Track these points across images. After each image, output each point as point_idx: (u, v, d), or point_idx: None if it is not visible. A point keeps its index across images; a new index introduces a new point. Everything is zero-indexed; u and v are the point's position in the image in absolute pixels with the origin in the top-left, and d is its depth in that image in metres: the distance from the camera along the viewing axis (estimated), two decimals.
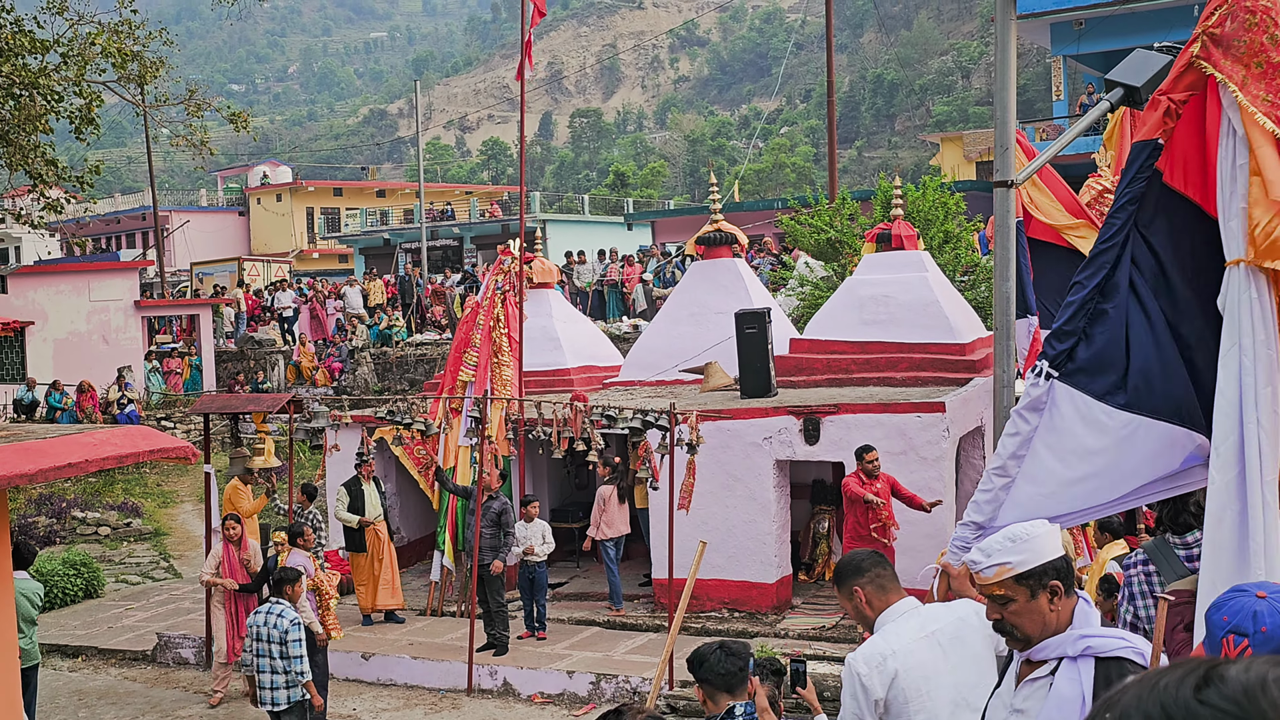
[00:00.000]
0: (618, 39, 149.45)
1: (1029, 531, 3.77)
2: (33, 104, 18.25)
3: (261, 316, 33.48)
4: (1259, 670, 0.90)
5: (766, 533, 13.50)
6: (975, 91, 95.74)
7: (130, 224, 56.26)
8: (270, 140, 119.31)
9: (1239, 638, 2.98)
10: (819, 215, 22.87)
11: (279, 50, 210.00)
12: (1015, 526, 3.88)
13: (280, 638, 9.48)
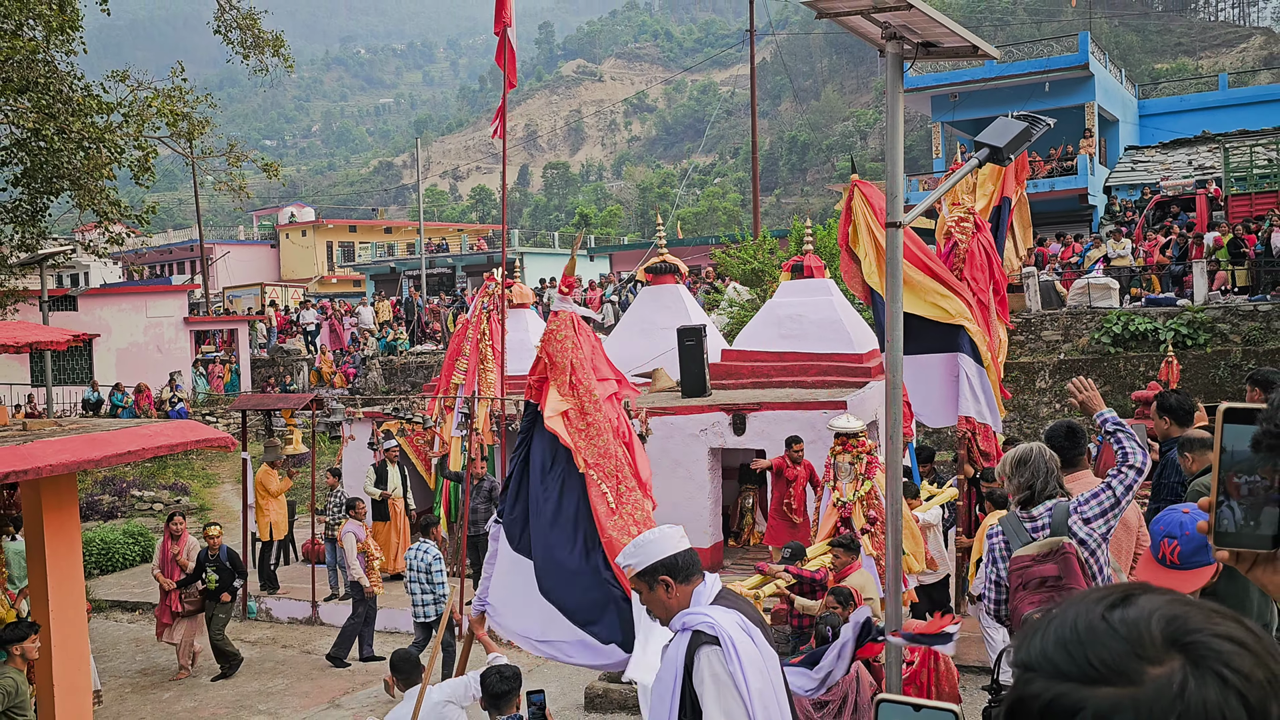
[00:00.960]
0: (582, 105, 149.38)
1: (645, 539, 3.94)
2: (100, 155, 18.05)
3: (289, 330, 33.29)
4: (1156, 604, 0.89)
5: (703, 506, 13.58)
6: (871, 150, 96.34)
7: (180, 254, 55.70)
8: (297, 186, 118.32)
9: (1170, 539, 3.70)
10: (745, 249, 22.98)
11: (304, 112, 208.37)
12: (643, 534, 4.11)
13: (426, 567, 10.44)
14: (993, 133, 5.06)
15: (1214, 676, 0.82)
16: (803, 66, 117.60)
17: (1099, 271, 21.56)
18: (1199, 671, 0.83)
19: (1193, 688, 0.82)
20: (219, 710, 10.25)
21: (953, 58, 5.09)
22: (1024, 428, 19.20)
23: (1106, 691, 0.84)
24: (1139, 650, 0.85)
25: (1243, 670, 0.83)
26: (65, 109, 17.23)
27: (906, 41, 4.88)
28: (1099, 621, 0.88)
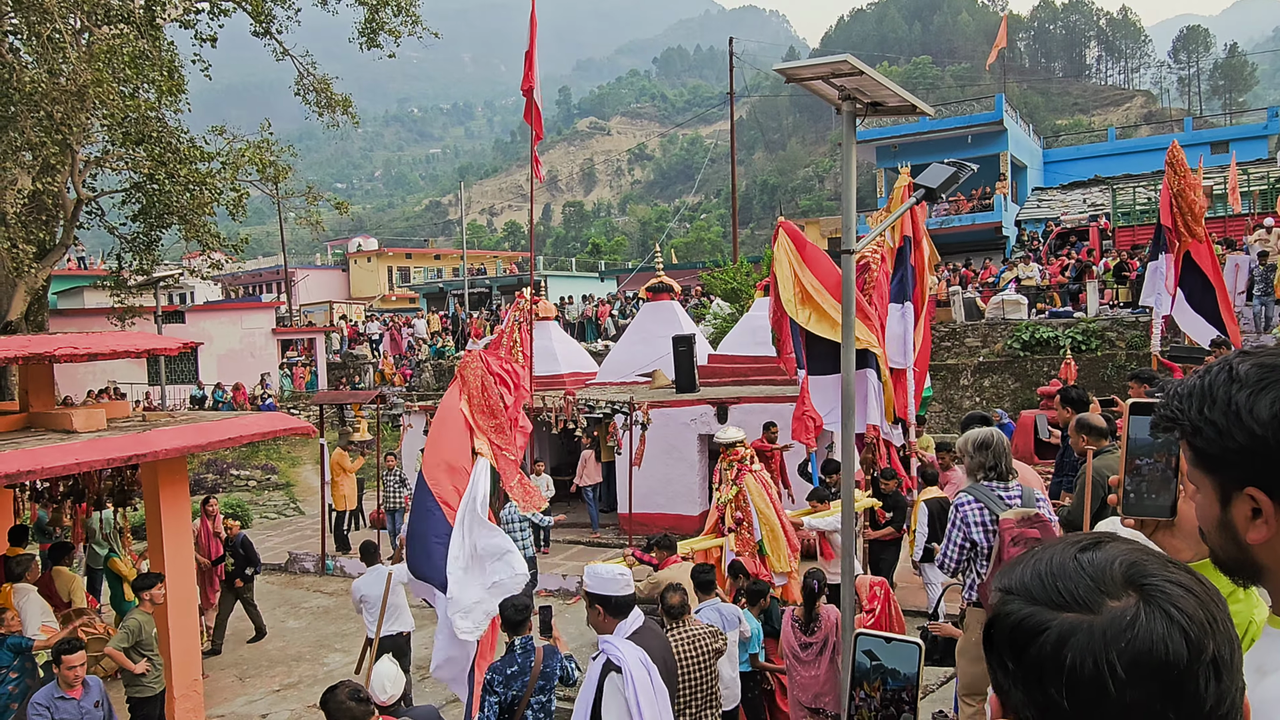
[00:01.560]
0: (594, 155, 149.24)
1: (603, 573, 4.25)
2: (202, 196, 17.96)
3: (357, 339, 33.19)
4: (1121, 551, 0.88)
5: (692, 483, 13.53)
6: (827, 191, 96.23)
7: (268, 277, 55.59)
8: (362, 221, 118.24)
9: None
10: (726, 272, 22.93)
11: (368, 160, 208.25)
12: (605, 567, 4.36)
13: (520, 517, 10.44)
14: (928, 176, 5.04)
15: (1162, 613, 0.83)
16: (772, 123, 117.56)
17: (1011, 290, 21.54)
18: (1150, 608, 0.83)
19: (1143, 620, 0.82)
20: (304, 649, 10.21)
21: (895, 114, 5.07)
22: (950, 417, 19.17)
23: (1069, 616, 0.84)
24: (1101, 586, 0.85)
25: (1187, 610, 0.83)
26: (174, 158, 17.14)
27: (859, 101, 4.86)
28: (1070, 560, 0.89)
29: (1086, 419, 5.21)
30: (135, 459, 6.65)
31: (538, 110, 13.45)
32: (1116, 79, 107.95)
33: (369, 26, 20.98)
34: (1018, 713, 0.87)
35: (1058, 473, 6.42)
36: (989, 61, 43.93)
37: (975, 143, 30.21)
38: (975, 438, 4.70)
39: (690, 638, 5.27)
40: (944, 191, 5.00)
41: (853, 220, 4.83)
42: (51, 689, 5.54)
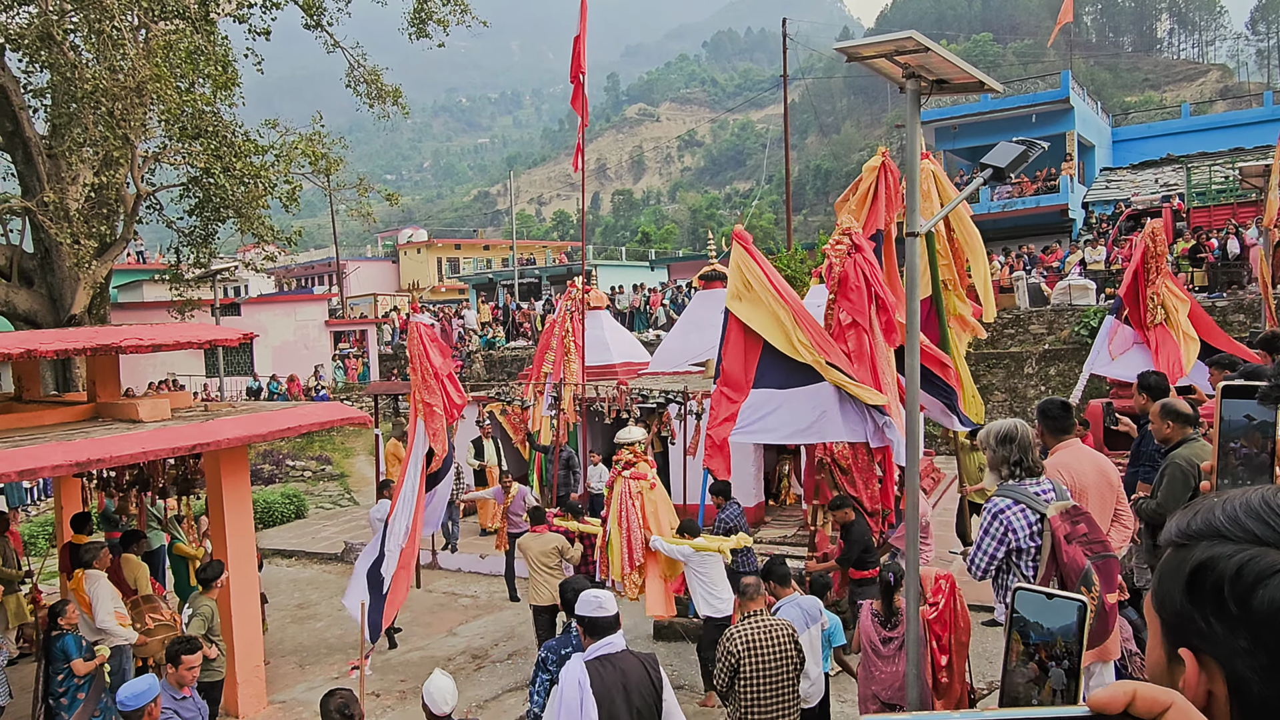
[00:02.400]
0: (643, 142, 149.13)
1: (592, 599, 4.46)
2: (256, 189, 18.30)
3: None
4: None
5: (748, 472, 13.45)
6: None
7: (320, 269, 56.59)
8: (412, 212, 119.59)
9: None
10: (779, 260, 22.74)
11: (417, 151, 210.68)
12: (596, 593, 4.54)
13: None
14: (996, 155, 4.95)
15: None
16: (826, 106, 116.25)
17: (1077, 274, 21.07)
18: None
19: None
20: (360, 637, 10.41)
21: (961, 92, 4.98)
22: (1014, 408, 18.84)
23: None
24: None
25: None
26: (229, 151, 17.51)
27: (923, 79, 4.80)
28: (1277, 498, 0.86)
29: (1172, 404, 5.07)
30: (199, 448, 6.84)
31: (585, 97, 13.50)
32: (1190, 53, 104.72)
33: (418, 16, 21.22)
34: (1232, 665, 0.82)
35: (1133, 462, 6.26)
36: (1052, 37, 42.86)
37: (1040, 122, 29.54)
38: (997, 430, 4.42)
39: (765, 627, 5.31)
40: (1013, 171, 4.91)
41: (916, 201, 4.77)
42: (168, 689, 5.51)
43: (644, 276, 40.45)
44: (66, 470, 6.05)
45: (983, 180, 4.89)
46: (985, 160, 4.89)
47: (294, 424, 7.43)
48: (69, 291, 17.83)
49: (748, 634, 5.29)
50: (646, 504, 8.26)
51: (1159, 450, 5.55)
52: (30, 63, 17.60)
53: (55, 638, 6.82)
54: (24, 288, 18.09)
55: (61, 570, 9.46)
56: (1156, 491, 5.23)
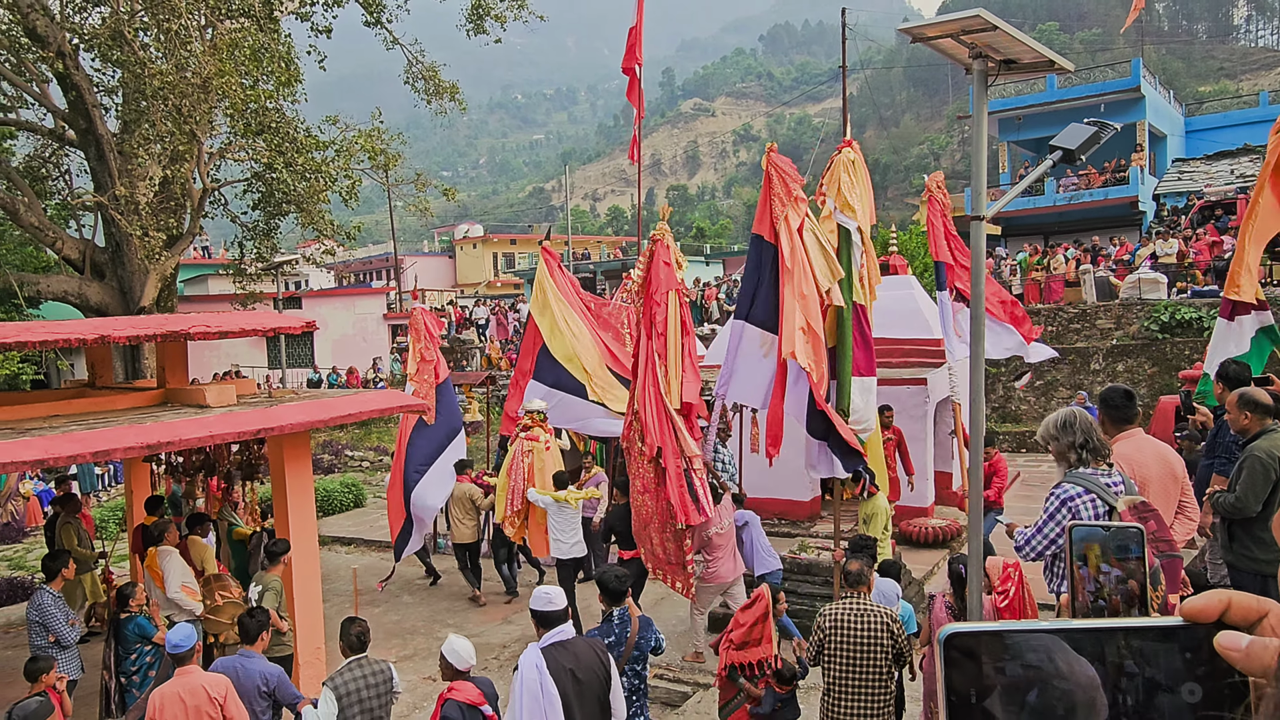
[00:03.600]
0: (698, 137, 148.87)
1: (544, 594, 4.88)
2: (318, 184, 18.65)
3: (465, 324, 34.04)
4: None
5: (801, 466, 13.36)
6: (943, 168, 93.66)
7: (378, 264, 57.55)
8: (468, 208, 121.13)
9: None
10: None
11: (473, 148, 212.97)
12: (548, 590, 4.92)
13: None
14: (1066, 136, 4.84)
15: None
16: (885, 99, 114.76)
17: (1148, 267, 20.51)
18: None
19: None
20: (417, 623, 10.58)
21: (1030, 72, 4.89)
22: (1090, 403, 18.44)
23: None
24: None
25: None
26: (291, 148, 17.86)
27: (990, 59, 4.72)
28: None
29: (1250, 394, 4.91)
30: (263, 432, 7.01)
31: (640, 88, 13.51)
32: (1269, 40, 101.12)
33: (476, 12, 21.42)
34: None
35: (1209, 454, 6.10)
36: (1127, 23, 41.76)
37: (1109, 111, 28.80)
38: (1055, 419, 4.36)
39: (858, 610, 5.31)
40: (1084, 153, 4.80)
41: (982, 184, 4.70)
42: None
43: (699, 271, 40.40)
44: (138, 452, 6.24)
45: (1051, 163, 4.78)
46: (1055, 142, 4.78)
47: (355, 410, 7.57)
48: (138, 284, 18.37)
49: (837, 614, 5.35)
50: (536, 462, 9.78)
51: (1236, 442, 5.39)
52: (103, 61, 18.17)
53: (125, 619, 7.06)
54: (96, 280, 18.69)
55: (133, 551, 9.78)
56: (1234, 485, 5.08)
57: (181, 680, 5.34)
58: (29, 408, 7.42)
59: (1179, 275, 20.11)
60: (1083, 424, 4.27)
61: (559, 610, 4.85)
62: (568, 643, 4.78)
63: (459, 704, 4.78)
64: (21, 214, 17.57)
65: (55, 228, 18.84)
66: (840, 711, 5.32)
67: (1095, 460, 4.22)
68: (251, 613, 6.01)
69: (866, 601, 5.42)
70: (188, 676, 5.34)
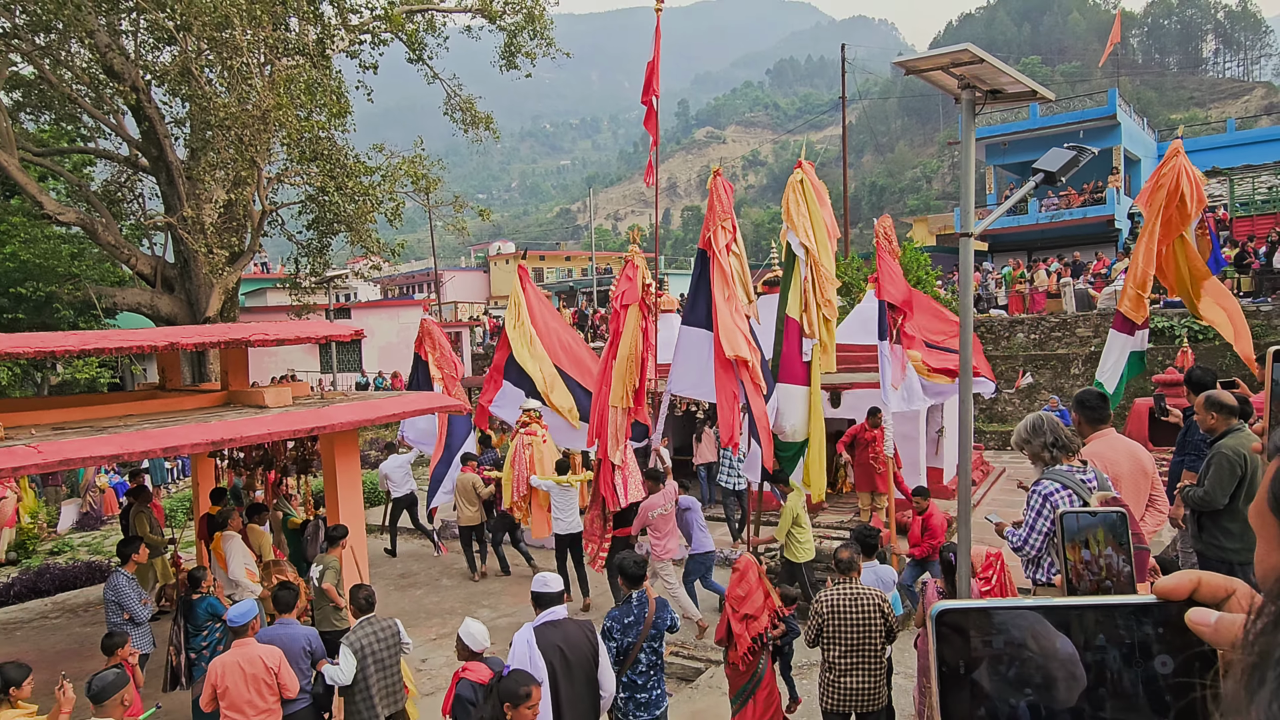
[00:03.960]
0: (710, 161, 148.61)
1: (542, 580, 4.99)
2: (365, 206, 18.76)
3: (499, 332, 34.09)
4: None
5: None
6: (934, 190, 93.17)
7: (419, 278, 57.82)
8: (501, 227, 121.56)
9: None
10: (838, 268, 22.50)
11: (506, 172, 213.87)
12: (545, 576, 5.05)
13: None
14: (1048, 160, 4.82)
15: None
16: (881, 126, 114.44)
17: (1123, 280, 20.32)
18: None
19: None
20: (455, 605, 10.60)
21: (1015, 101, 4.86)
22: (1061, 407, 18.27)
23: None
24: None
25: None
26: (342, 173, 17.99)
27: (978, 89, 4.70)
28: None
29: (1215, 395, 4.87)
30: (316, 430, 7.05)
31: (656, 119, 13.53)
32: (1235, 71, 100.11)
33: (508, 50, 21.53)
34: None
35: (1179, 451, 6.04)
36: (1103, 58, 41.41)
37: (1087, 137, 28.58)
38: (1025, 424, 4.37)
39: (852, 595, 5.32)
40: (1064, 175, 4.77)
41: (971, 204, 4.67)
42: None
43: None
44: (203, 448, 6.30)
45: (1035, 184, 4.75)
46: (1037, 165, 4.75)
47: (399, 410, 7.61)
48: (204, 297, 18.54)
49: (834, 599, 5.36)
50: (536, 454, 10.49)
51: (1204, 440, 5.33)
52: (172, 95, 18.38)
53: (198, 600, 7.12)
54: (166, 293, 18.88)
55: (199, 538, 9.86)
56: (1203, 480, 5.03)
57: (240, 650, 5.45)
58: (106, 408, 7.50)
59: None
60: (1050, 425, 4.28)
61: (554, 593, 4.92)
62: (559, 622, 4.84)
63: (472, 683, 4.84)
64: (100, 233, 17.78)
65: (130, 246, 19.05)
66: (841, 685, 5.32)
67: (1065, 456, 4.21)
68: (284, 585, 6.14)
69: (858, 586, 5.42)
70: (245, 647, 5.49)
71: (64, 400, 8.52)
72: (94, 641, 8.55)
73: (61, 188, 21.88)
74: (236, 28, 15.22)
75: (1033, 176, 4.74)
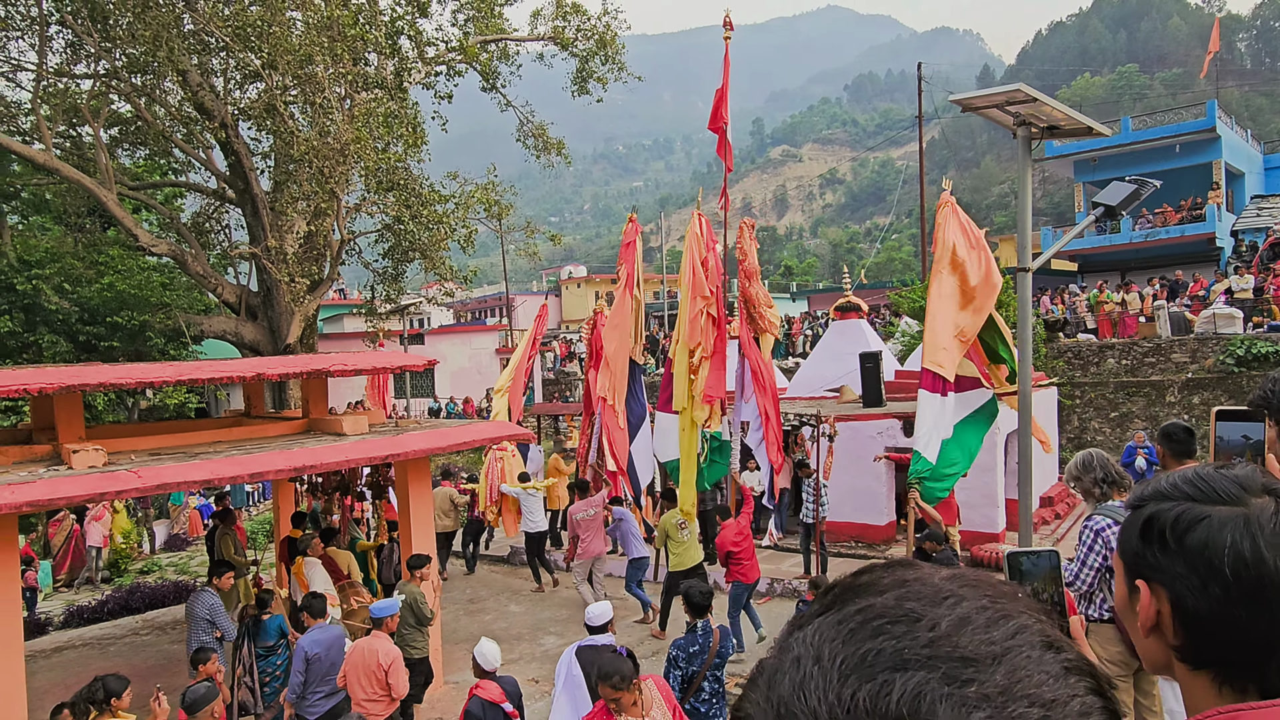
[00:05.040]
0: (786, 181, 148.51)
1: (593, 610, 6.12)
2: (439, 233, 19.44)
3: (569, 358, 34.62)
4: (1251, 469, 1.07)
5: (878, 493, 13.31)
6: None
7: (491, 303, 59.11)
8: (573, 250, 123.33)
9: None
10: (915, 291, 22.29)
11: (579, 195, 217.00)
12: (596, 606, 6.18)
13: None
14: (1108, 194, 4.92)
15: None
16: (965, 141, 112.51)
17: (1223, 303, 19.65)
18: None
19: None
20: (523, 630, 10.91)
21: (1071, 137, 4.99)
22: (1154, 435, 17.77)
23: (1223, 508, 1.02)
24: (1245, 487, 1.04)
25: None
26: (417, 201, 18.72)
27: (1034, 126, 4.85)
28: (1214, 471, 1.07)
29: None
30: (391, 457, 7.49)
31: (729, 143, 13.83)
32: None
33: (580, 75, 22.18)
34: (1173, 587, 1.02)
35: None
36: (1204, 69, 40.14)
37: (1184, 151, 27.79)
38: (1076, 462, 4.52)
39: None
40: (1124, 209, 4.87)
41: (1028, 239, 4.81)
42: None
43: (786, 307, 40.32)
44: (286, 474, 6.78)
45: (1093, 218, 4.87)
46: (1097, 199, 4.87)
47: (469, 439, 8.01)
48: (285, 324, 19.50)
49: None
50: (507, 466, 12.63)
51: None
52: (257, 130, 19.50)
53: (268, 619, 7.59)
54: (249, 320, 19.93)
55: (280, 560, 10.43)
56: None
57: (370, 640, 6.32)
58: (197, 434, 8.10)
59: (1255, 310, 19.23)
60: (1100, 461, 4.40)
61: (599, 625, 5.90)
62: (599, 647, 5.59)
63: (483, 701, 5.29)
64: (190, 264, 18.92)
65: (216, 275, 20.19)
66: None
67: (1116, 492, 4.30)
68: (314, 594, 6.93)
69: None
70: (375, 640, 6.28)
71: (158, 427, 9.20)
72: (181, 658, 9.14)
73: (153, 219, 23.32)
74: (319, 64, 16.13)
75: (1092, 211, 4.85)
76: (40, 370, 6.79)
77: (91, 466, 6.46)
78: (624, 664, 4.45)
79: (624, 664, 4.45)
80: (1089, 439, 19.02)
